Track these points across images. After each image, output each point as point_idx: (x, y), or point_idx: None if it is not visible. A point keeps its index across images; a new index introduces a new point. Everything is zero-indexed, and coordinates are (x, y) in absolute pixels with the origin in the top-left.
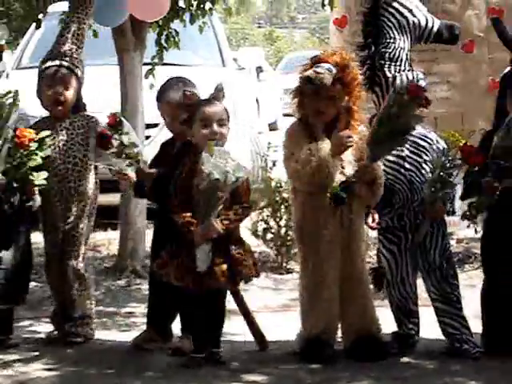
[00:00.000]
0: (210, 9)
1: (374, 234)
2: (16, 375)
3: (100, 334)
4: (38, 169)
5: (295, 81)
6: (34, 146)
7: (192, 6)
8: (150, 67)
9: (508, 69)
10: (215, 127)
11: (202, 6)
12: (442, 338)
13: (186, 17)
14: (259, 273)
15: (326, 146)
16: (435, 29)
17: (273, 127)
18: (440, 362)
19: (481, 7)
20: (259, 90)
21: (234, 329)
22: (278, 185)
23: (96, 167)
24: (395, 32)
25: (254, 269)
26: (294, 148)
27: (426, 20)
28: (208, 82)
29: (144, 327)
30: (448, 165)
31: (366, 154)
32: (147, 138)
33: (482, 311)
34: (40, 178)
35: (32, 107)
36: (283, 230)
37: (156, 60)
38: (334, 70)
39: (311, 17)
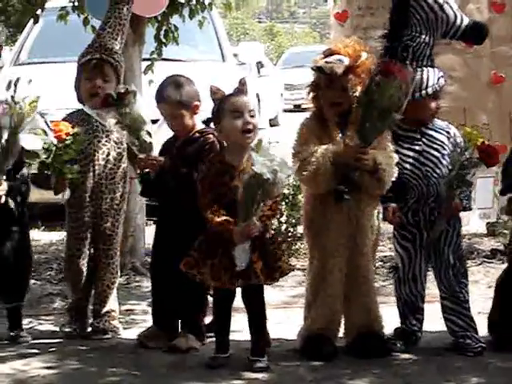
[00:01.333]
0: (210, 3)
1: (385, 227)
2: (15, 373)
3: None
4: (71, 163)
5: (297, 77)
6: (69, 139)
7: (191, 0)
8: (149, 63)
9: None
10: (248, 117)
11: (201, 0)
12: (445, 334)
13: (186, 12)
14: (293, 267)
15: (329, 151)
16: (463, 27)
17: (273, 123)
18: (442, 359)
19: (482, 1)
20: (259, 85)
21: (235, 325)
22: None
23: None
24: (422, 26)
25: (290, 264)
26: (301, 146)
27: (455, 17)
28: (208, 78)
29: (143, 324)
30: (466, 163)
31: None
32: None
33: (495, 301)
34: (73, 171)
35: None
36: (284, 227)
37: (155, 55)
38: (346, 61)
39: (312, 11)
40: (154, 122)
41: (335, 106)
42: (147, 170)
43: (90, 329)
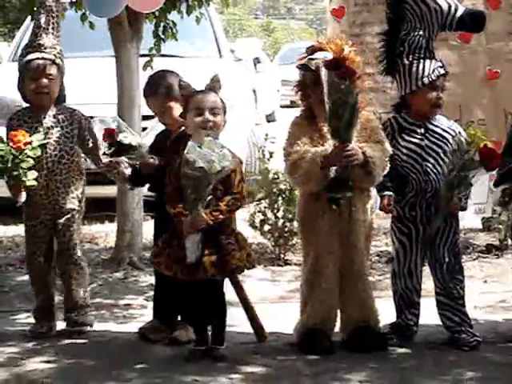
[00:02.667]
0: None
1: (382, 222)
2: (13, 367)
3: (98, 326)
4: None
5: (295, 73)
6: (28, 148)
7: None
8: (146, 59)
9: None
10: (207, 115)
11: None
12: (441, 328)
13: (183, 8)
14: (253, 264)
15: (318, 155)
16: (458, 16)
17: (270, 118)
18: (438, 353)
19: None
20: (256, 81)
21: (232, 320)
22: (276, 176)
23: (85, 159)
24: (417, 20)
25: (246, 260)
26: (291, 147)
27: (449, 7)
28: (205, 74)
29: (141, 319)
30: (467, 165)
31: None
32: (144, 129)
33: None
34: (31, 178)
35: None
36: (281, 222)
37: (153, 51)
38: (330, 56)
39: (308, 8)
40: (152, 117)
41: (324, 103)
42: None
43: (62, 325)
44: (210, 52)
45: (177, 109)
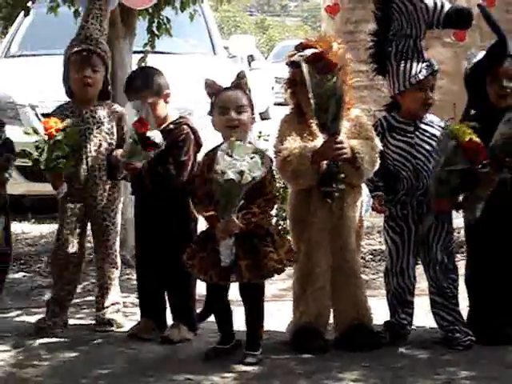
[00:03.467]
0: None
1: (376, 221)
2: (6, 365)
3: (90, 324)
4: (65, 157)
5: (285, 71)
6: (60, 135)
7: None
8: (140, 55)
9: (481, 54)
10: (233, 114)
11: None
12: (435, 327)
13: (177, 4)
14: (289, 264)
15: (307, 150)
16: (444, 13)
17: (264, 116)
18: (432, 352)
19: None
20: (250, 78)
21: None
22: (274, 172)
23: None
24: (403, 19)
25: (285, 259)
26: (281, 144)
27: (435, 4)
28: (199, 71)
29: (133, 317)
30: (455, 160)
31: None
32: None
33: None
34: (68, 165)
35: (20, 96)
36: (274, 220)
37: (148, 48)
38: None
39: (303, 5)
40: None
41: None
42: None
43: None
44: (204, 49)
45: (159, 105)
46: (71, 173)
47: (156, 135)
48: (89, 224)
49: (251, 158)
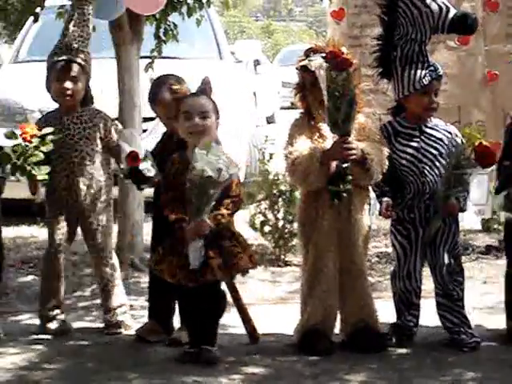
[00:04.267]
0: (208, 1)
1: (383, 224)
2: (15, 368)
3: (99, 327)
4: (41, 164)
5: (295, 74)
6: (35, 141)
7: None
8: (147, 60)
9: None
10: (196, 119)
11: None
12: (440, 329)
13: (184, 10)
14: (256, 264)
15: (317, 151)
16: (449, 18)
17: (270, 120)
18: (438, 354)
19: None
20: (256, 83)
21: (233, 321)
22: (276, 177)
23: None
24: (408, 24)
25: (250, 261)
26: (291, 147)
27: (440, 9)
28: (205, 75)
29: (142, 320)
30: (463, 163)
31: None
32: (144, 131)
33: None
34: (42, 172)
35: (29, 101)
36: (281, 223)
37: (155, 53)
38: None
39: (308, 10)
40: (152, 119)
41: (323, 104)
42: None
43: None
44: (211, 54)
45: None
46: (47, 181)
47: (150, 168)
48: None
49: (227, 158)
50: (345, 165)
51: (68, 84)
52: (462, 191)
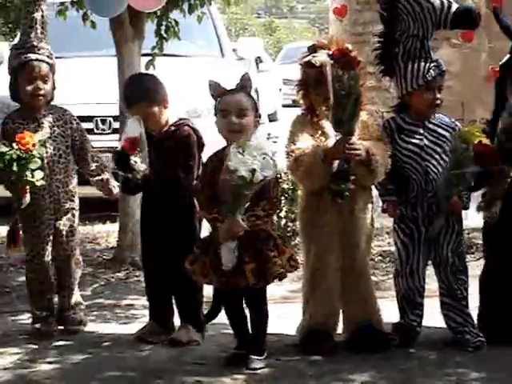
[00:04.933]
0: None
1: (386, 223)
2: (16, 368)
3: (99, 327)
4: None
5: (297, 72)
6: (35, 149)
7: None
8: (148, 58)
9: (507, 56)
10: (233, 118)
11: None
12: (444, 329)
13: (185, 7)
14: (295, 268)
15: (320, 149)
16: (451, 13)
17: (272, 118)
18: (442, 353)
19: None
20: (258, 80)
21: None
22: (278, 176)
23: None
24: (410, 20)
25: (289, 264)
26: (293, 145)
27: (441, 4)
28: (207, 73)
29: (143, 319)
30: (465, 162)
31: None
32: None
33: (480, 300)
34: (39, 178)
35: None
36: (283, 222)
37: (156, 51)
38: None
39: (311, 7)
40: None
41: (327, 101)
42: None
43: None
44: (212, 51)
45: (159, 112)
46: (42, 185)
47: (139, 164)
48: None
49: (263, 158)
50: (347, 163)
51: (41, 85)
52: (463, 190)
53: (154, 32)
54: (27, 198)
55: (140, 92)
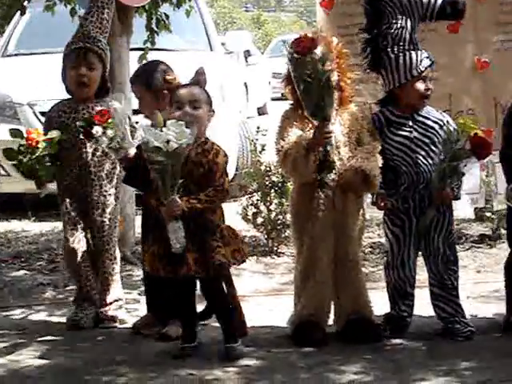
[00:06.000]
0: None
1: (376, 214)
2: (8, 363)
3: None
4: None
5: (284, 66)
6: (42, 146)
7: None
8: (137, 52)
9: None
10: (187, 108)
11: None
12: (435, 319)
13: (174, 0)
14: (242, 259)
15: (302, 139)
16: (438, 5)
17: (262, 111)
18: (432, 343)
19: None
20: (247, 74)
21: None
22: (268, 169)
23: None
24: (397, 12)
25: (232, 256)
26: (282, 140)
27: None
28: (196, 67)
29: (135, 313)
30: (459, 154)
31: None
32: (136, 123)
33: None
34: (49, 173)
35: (18, 95)
36: (273, 214)
37: (148, 45)
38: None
39: (298, 0)
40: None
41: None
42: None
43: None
44: (201, 45)
45: (152, 102)
46: (52, 180)
47: (102, 136)
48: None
49: (178, 130)
50: (325, 152)
51: (84, 71)
52: (456, 181)
53: (145, 26)
54: (46, 188)
55: (140, 73)
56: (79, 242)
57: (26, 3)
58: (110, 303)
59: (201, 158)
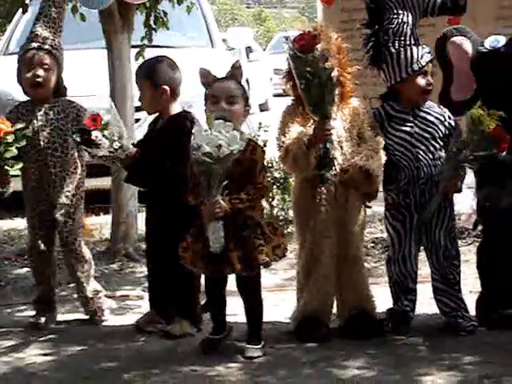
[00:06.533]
0: None
1: (377, 209)
2: (12, 361)
3: None
4: (14, 159)
5: (285, 62)
6: (10, 138)
7: None
8: (138, 49)
9: None
10: (223, 104)
11: None
12: (438, 314)
13: None
14: (280, 257)
15: (303, 135)
16: (439, 0)
17: (263, 108)
18: (435, 338)
19: None
20: (249, 70)
21: (229, 309)
22: (270, 165)
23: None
24: (399, 7)
25: (273, 253)
26: (283, 136)
27: None
28: (197, 64)
29: (138, 310)
30: (482, 144)
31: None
32: (137, 120)
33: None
34: (15, 168)
35: (20, 92)
36: (275, 210)
37: (145, 42)
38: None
39: None
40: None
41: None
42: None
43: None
44: (202, 42)
45: (152, 96)
46: (19, 176)
47: (104, 140)
48: None
49: (229, 133)
50: (324, 149)
51: (39, 71)
52: (463, 172)
53: (143, 23)
54: (9, 187)
55: (143, 67)
56: (44, 243)
57: (27, 1)
58: (91, 298)
59: (238, 155)
